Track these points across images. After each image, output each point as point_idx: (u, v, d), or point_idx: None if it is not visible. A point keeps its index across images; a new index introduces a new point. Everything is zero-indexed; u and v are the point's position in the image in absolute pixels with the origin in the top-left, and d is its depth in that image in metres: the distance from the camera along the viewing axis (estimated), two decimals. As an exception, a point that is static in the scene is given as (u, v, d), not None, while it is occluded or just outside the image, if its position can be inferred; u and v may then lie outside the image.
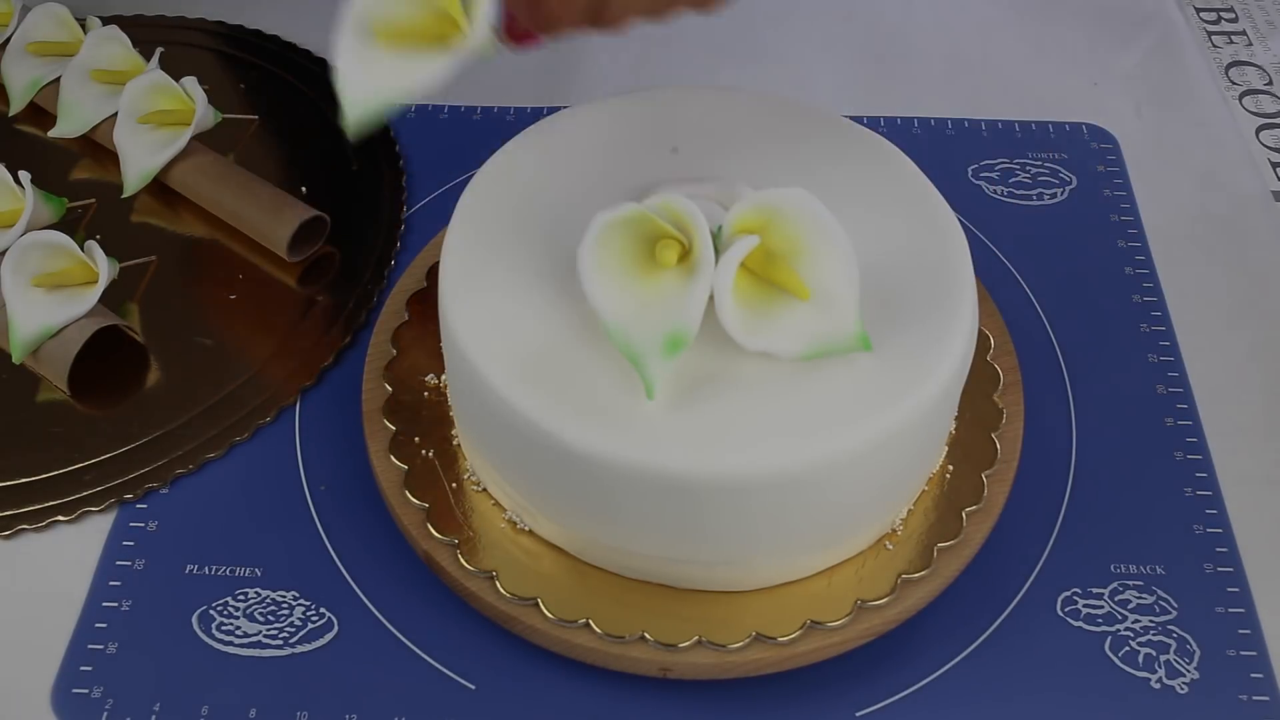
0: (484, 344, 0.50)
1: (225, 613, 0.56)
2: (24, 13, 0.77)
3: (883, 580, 0.53)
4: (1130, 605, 0.56)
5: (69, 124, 0.73)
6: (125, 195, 0.70)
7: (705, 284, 0.47)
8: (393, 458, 0.57)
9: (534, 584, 0.53)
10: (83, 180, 0.73)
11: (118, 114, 0.71)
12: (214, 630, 0.55)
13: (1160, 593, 0.57)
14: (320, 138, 0.76)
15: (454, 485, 0.56)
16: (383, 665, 0.54)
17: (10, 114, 0.76)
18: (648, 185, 0.54)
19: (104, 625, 0.56)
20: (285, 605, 0.56)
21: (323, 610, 0.56)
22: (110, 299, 0.64)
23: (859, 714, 0.53)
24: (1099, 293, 0.68)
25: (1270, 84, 0.83)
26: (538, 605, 0.52)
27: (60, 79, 0.74)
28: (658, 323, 0.48)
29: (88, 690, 0.54)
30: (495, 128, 0.77)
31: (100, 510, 0.59)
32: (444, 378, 0.59)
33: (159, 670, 0.54)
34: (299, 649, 0.55)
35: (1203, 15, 0.89)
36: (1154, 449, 0.62)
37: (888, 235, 0.53)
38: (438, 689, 0.54)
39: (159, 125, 0.71)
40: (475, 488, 0.56)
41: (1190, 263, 0.70)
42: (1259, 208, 0.73)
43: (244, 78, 0.80)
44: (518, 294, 0.52)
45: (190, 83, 0.70)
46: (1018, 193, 0.74)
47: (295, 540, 0.58)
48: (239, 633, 0.55)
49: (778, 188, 0.48)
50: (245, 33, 0.82)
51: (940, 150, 0.76)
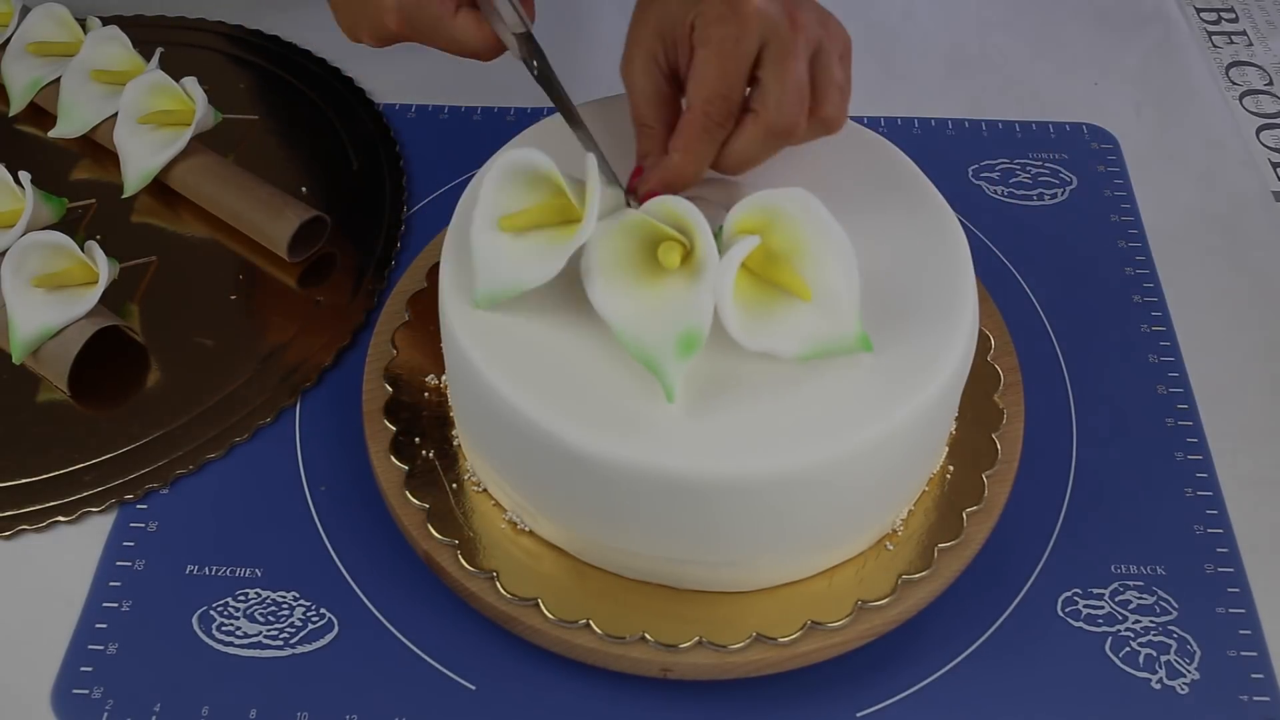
0: (485, 345, 0.50)
1: (225, 613, 0.56)
2: (24, 13, 0.77)
3: (883, 581, 0.53)
4: (1131, 606, 0.56)
5: (69, 124, 0.73)
6: (125, 195, 0.70)
7: (711, 283, 0.48)
8: (393, 458, 0.57)
9: (534, 584, 0.53)
10: (83, 180, 0.73)
11: (118, 114, 0.71)
12: (214, 631, 0.55)
13: (1161, 593, 0.57)
14: (320, 138, 0.76)
15: (454, 486, 0.56)
16: (383, 665, 0.54)
17: (10, 114, 0.76)
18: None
19: (104, 625, 0.56)
20: (285, 606, 0.56)
21: (323, 611, 0.56)
22: (110, 299, 0.64)
23: (859, 714, 0.53)
24: (1099, 293, 0.68)
25: (1270, 84, 0.83)
26: (538, 606, 0.52)
27: (60, 79, 0.74)
28: (669, 325, 0.48)
29: (88, 691, 0.54)
30: (495, 128, 0.77)
31: (100, 510, 0.59)
32: (444, 378, 0.59)
33: (159, 671, 0.54)
34: (299, 649, 0.55)
35: (1203, 15, 0.89)
36: (1154, 449, 0.62)
37: (889, 236, 0.53)
38: (438, 689, 0.54)
39: (159, 125, 0.71)
40: (475, 488, 0.56)
41: (1190, 263, 0.70)
42: (1259, 208, 0.73)
43: (244, 78, 0.80)
44: (518, 295, 0.52)
45: (190, 83, 0.70)
46: (1018, 193, 0.74)
47: (295, 541, 0.58)
48: (239, 633, 0.55)
49: (778, 188, 0.48)
50: (245, 33, 0.82)
51: (940, 150, 0.76)
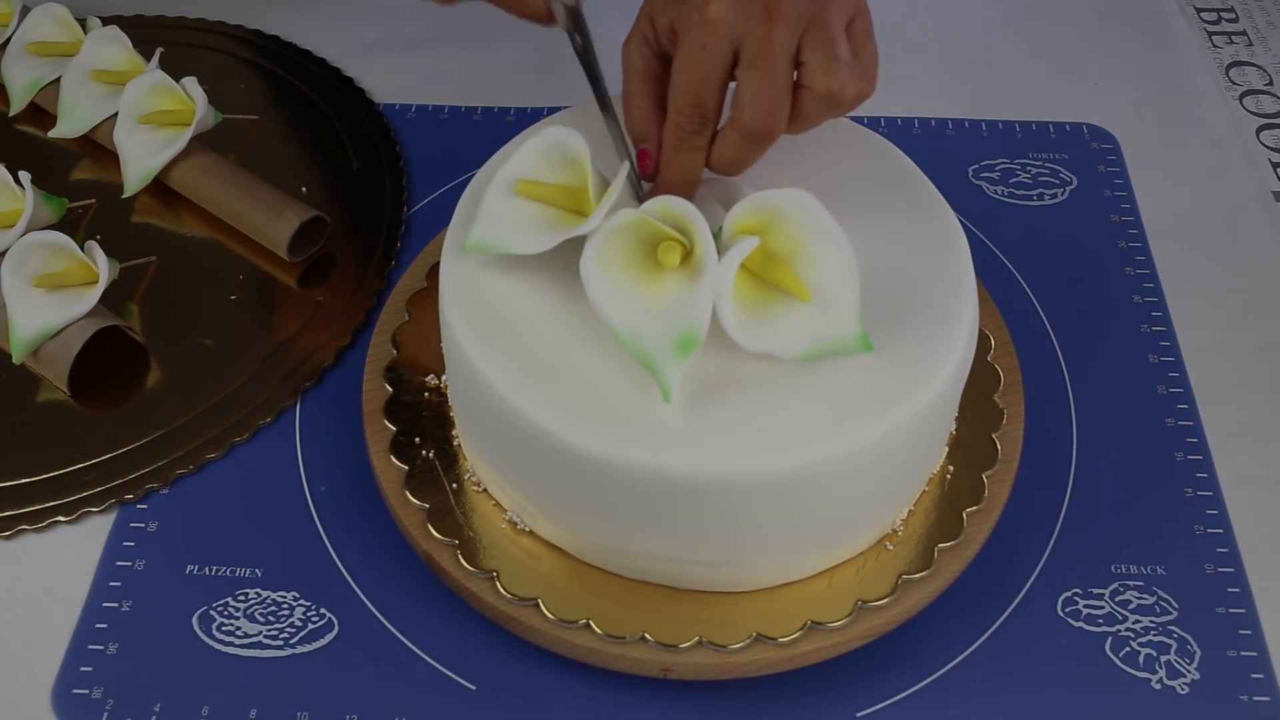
0: (485, 345, 0.50)
1: (225, 613, 0.56)
2: (24, 13, 0.77)
3: (883, 581, 0.53)
4: (1131, 606, 0.56)
5: (69, 124, 0.73)
6: (125, 195, 0.70)
7: (710, 283, 0.47)
8: (393, 458, 0.57)
9: (534, 584, 0.53)
10: (83, 180, 0.73)
11: (118, 114, 0.71)
12: (214, 631, 0.55)
13: (1161, 593, 0.57)
14: (320, 138, 0.76)
15: (454, 486, 0.56)
16: (383, 665, 0.54)
17: (10, 114, 0.76)
18: (649, 185, 0.54)
19: (104, 625, 0.56)
20: (285, 606, 0.56)
21: (323, 610, 0.56)
22: (110, 299, 0.64)
23: (859, 714, 0.53)
24: (1099, 293, 0.68)
25: (1270, 84, 0.83)
26: (538, 606, 0.52)
27: (60, 79, 0.74)
28: (668, 325, 0.48)
29: (88, 690, 0.54)
30: (495, 128, 0.77)
31: (100, 510, 0.59)
32: (444, 378, 0.59)
33: (159, 671, 0.54)
34: (299, 649, 0.55)
35: (1203, 15, 0.89)
36: (1154, 449, 0.62)
37: (889, 236, 0.53)
38: (438, 689, 0.54)
39: (159, 125, 0.71)
40: (476, 488, 0.56)
41: (1190, 263, 0.70)
42: (1259, 208, 0.73)
43: (244, 78, 0.80)
44: (518, 294, 0.52)
45: (190, 83, 0.70)
46: (1018, 193, 0.74)
47: (295, 540, 0.58)
48: (239, 633, 0.55)
49: (778, 188, 0.48)
50: (245, 33, 0.82)
51: (940, 150, 0.76)
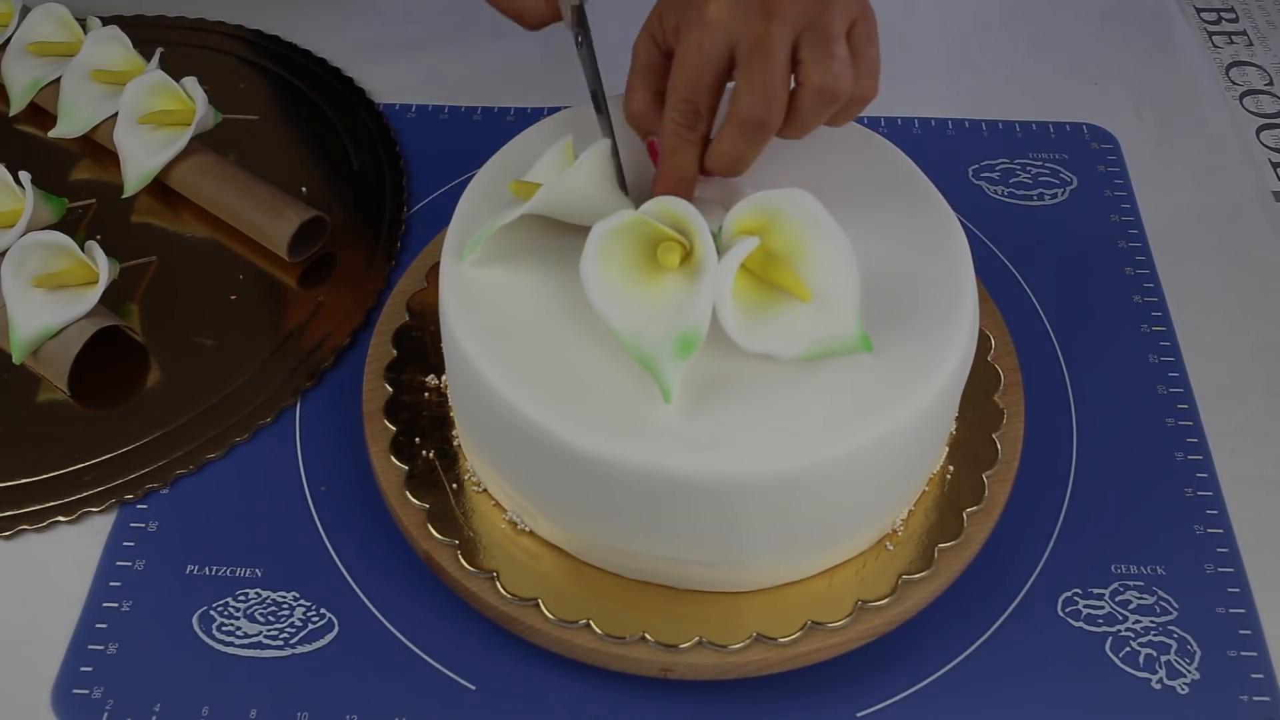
0: (485, 345, 0.50)
1: (226, 613, 0.56)
2: (24, 13, 0.77)
3: (883, 581, 0.53)
4: (1131, 606, 0.56)
5: (69, 124, 0.73)
6: (125, 195, 0.70)
7: (710, 284, 0.48)
8: (393, 458, 0.57)
9: (534, 584, 0.53)
10: (83, 180, 0.73)
11: (118, 114, 0.71)
12: (214, 631, 0.55)
13: (1161, 593, 0.57)
14: (320, 138, 0.76)
15: (454, 486, 0.56)
16: (383, 665, 0.54)
17: (10, 114, 0.76)
18: (649, 185, 0.54)
19: (104, 625, 0.56)
20: (285, 606, 0.56)
21: (323, 611, 0.56)
22: (110, 299, 0.64)
23: (859, 715, 0.53)
24: (1099, 293, 0.68)
25: (1270, 84, 0.83)
26: (538, 606, 0.52)
27: (60, 79, 0.74)
28: (668, 326, 0.48)
29: (88, 691, 0.54)
30: (495, 128, 0.77)
31: (100, 510, 0.59)
32: (444, 378, 0.59)
33: (159, 671, 0.54)
34: (299, 649, 0.55)
35: (1203, 15, 0.89)
36: (1154, 449, 0.62)
37: (889, 236, 0.53)
38: (438, 689, 0.54)
39: (159, 125, 0.71)
40: (476, 488, 0.56)
41: (1190, 263, 0.70)
42: (1259, 208, 0.73)
43: (244, 78, 0.80)
44: (518, 295, 0.52)
45: (190, 83, 0.70)
46: (1018, 193, 0.74)
47: (295, 541, 0.58)
48: (239, 633, 0.55)
49: (777, 189, 0.48)
50: (245, 33, 0.82)
51: (940, 150, 0.76)
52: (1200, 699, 0.53)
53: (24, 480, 0.60)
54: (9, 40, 0.77)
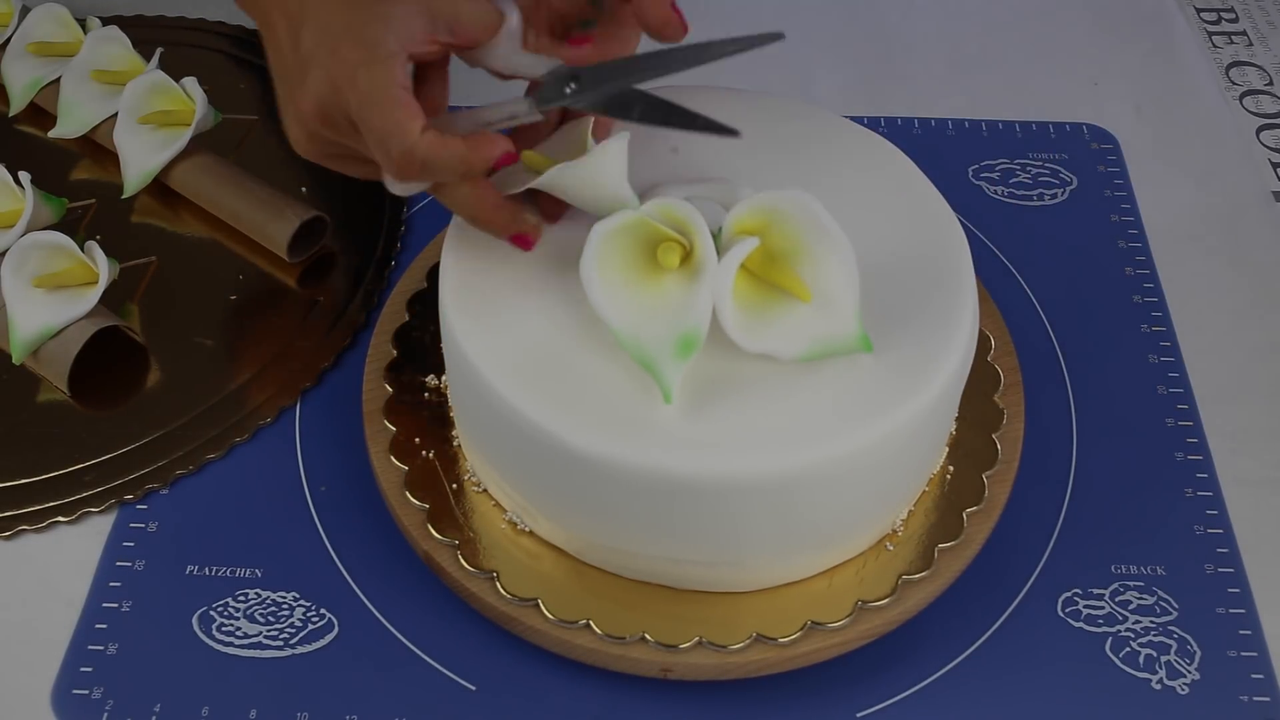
0: (485, 345, 0.50)
1: (225, 613, 0.56)
2: (24, 13, 0.77)
3: (883, 581, 0.53)
4: (1131, 606, 0.56)
5: (69, 124, 0.73)
6: (125, 196, 0.70)
7: (710, 284, 0.47)
8: (393, 458, 0.57)
9: (534, 584, 0.53)
10: (83, 180, 0.73)
11: (118, 114, 0.71)
12: (214, 631, 0.55)
13: (1161, 593, 0.57)
14: (320, 138, 0.76)
15: (454, 486, 0.56)
16: (383, 665, 0.54)
17: (10, 114, 0.76)
18: (649, 185, 0.54)
19: (104, 626, 0.56)
20: (285, 606, 0.56)
21: (323, 611, 0.56)
22: (110, 299, 0.64)
23: (859, 715, 0.53)
24: (1099, 293, 0.68)
25: (1270, 84, 0.83)
26: (538, 606, 0.52)
27: (60, 79, 0.74)
28: (668, 326, 0.48)
29: (88, 691, 0.54)
30: (495, 128, 0.77)
31: (100, 511, 0.59)
32: (444, 378, 0.59)
33: (159, 671, 0.54)
34: (299, 650, 0.55)
35: (1203, 15, 0.89)
36: (1154, 450, 0.62)
37: (889, 236, 0.53)
38: (438, 689, 0.54)
39: (159, 125, 0.71)
40: (476, 489, 0.56)
41: (1190, 263, 0.70)
42: (1259, 208, 0.73)
43: (244, 78, 0.80)
44: (518, 295, 0.52)
45: (190, 83, 0.70)
46: (1018, 193, 0.74)
47: (295, 541, 0.58)
48: (239, 633, 0.55)
49: (778, 189, 0.48)
50: (245, 33, 0.82)
51: (940, 150, 0.76)
52: (1200, 699, 0.53)
53: (24, 480, 0.60)
54: (9, 40, 0.77)
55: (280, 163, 0.74)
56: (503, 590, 0.53)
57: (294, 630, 0.55)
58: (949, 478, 0.56)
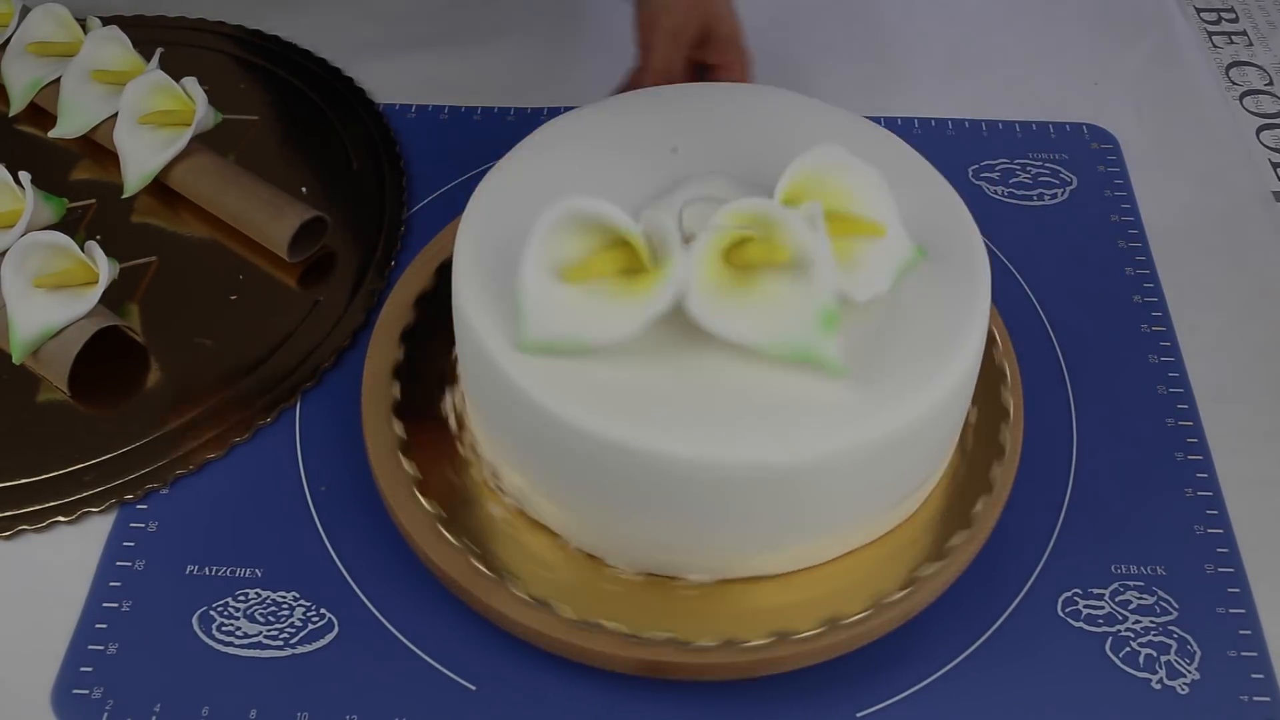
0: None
1: (225, 613, 0.56)
2: (24, 13, 0.77)
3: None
4: (1131, 606, 0.56)
5: (69, 124, 0.73)
6: (125, 195, 0.70)
7: (822, 256, 0.48)
8: (393, 459, 0.57)
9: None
10: (83, 180, 0.73)
11: (118, 114, 0.71)
12: (214, 631, 0.55)
13: (1161, 593, 0.57)
14: (320, 138, 0.76)
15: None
16: (383, 665, 0.54)
17: (10, 114, 0.76)
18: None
19: (104, 626, 0.56)
20: (285, 606, 0.56)
21: (323, 611, 0.56)
22: (110, 299, 0.64)
23: (859, 715, 0.53)
24: (1099, 293, 0.68)
25: (1270, 84, 0.83)
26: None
27: (60, 79, 0.74)
28: (803, 314, 0.48)
29: (88, 691, 0.54)
30: (495, 128, 0.77)
31: (100, 511, 0.59)
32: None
33: (159, 671, 0.54)
34: (299, 649, 0.55)
35: (1203, 16, 0.89)
36: (1155, 450, 0.62)
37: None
38: (438, 689, 0.54)
39: (159, 125, 0.71)
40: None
41: (1190, 263, 0.70)
42: (1259, 208, 0.73)
43: (244, 78, 0.80)
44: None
45: (190, 83, 0.70)
46: (1018, 193, 0.74)
47: (295, 541, 0.58)
48: (239, 633, 0.55)
49: (804, 154, 0.49)
50: (245, 33, 0.82)
51: (940, 150, 0.75)
52: (1200, 699, 0.53)
53: (24, 480, 0.60)
54: (9, 40, 0.77)
55: (280, 163, 0.74)
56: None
57: (294, 630, 0.55)
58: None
